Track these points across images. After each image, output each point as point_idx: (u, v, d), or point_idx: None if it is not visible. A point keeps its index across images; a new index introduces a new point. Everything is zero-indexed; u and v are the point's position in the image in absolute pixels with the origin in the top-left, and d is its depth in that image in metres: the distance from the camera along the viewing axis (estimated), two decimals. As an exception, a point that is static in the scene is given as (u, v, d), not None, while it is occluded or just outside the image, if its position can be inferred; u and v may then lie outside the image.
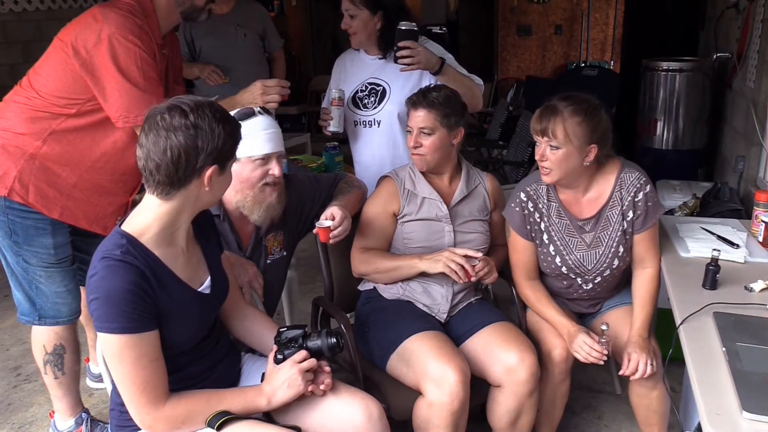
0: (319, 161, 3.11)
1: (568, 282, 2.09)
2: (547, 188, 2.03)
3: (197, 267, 1.55)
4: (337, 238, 1.93)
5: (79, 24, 2.02)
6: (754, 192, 2.31)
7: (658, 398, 1.97)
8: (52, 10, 4.47)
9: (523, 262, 2.08)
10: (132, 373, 1.38)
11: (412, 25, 2.19)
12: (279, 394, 1.53)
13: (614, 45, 6.57)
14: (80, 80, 1.98)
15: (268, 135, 1.82)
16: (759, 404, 1.30)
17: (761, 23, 3.18)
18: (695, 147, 4.16)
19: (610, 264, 2.02)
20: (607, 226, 2.00)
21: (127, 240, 1.39)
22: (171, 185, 1.37)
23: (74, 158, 2.05)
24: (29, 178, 2.00)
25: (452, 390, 1.78)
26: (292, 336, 1.60)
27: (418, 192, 2.10)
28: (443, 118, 2.02)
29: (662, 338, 1.98)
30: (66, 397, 2.28)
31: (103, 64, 1.95)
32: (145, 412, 1.41)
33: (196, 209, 1.47)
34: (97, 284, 1.35)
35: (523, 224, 2.04)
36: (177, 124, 1.33)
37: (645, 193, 1.96)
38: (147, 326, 1.38)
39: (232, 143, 1.42)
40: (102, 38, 1.94)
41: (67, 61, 1.98)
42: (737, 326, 1.61)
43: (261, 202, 1.85)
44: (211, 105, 1.39)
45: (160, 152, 1.33)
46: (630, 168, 1.99)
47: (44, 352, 2.19)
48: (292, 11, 8.30)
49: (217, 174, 1.40)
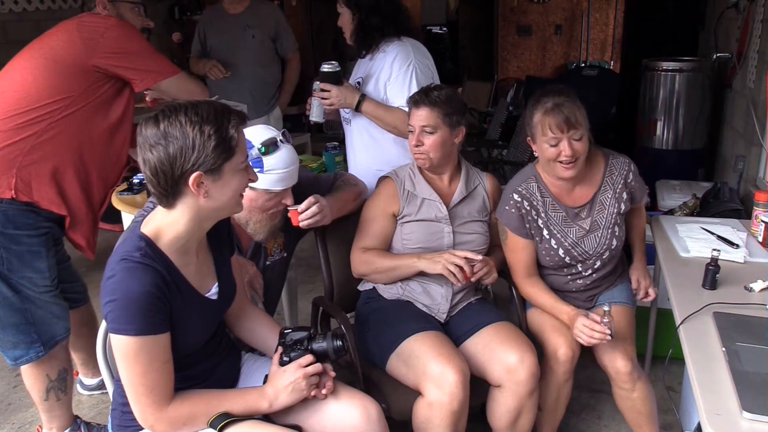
0: (319, 161, 3.11)
1: (568, 271, 2.10)
2: (537, 185, 2.05)
3: (206, 274, 1.55)
4: (308, 222, 1.91)
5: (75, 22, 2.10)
6: (754, 192, 2.32)
7: (641, 399, 1.98)
8: (52, 10, 4.47)
9: (523, 261, 2.09)
10: (142, 374, 1.37)
11: (334, 65, 2.30)
12: (281, 397, 1.53)
13: (614, 45, 6.57)
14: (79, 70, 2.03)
15: (288, 173, 1.82)
16: (759, 404, 1.30)
17: (761, 23, 3.18)
18: (695, 147, 4.16)
19: (609, 245, 2.06)
20: (602, 209, 2.06)
21: (146, 242, 1.38)
22: (166, 196, 1.36)
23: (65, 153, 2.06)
24: (29, 175, 1.99)
25: (452, 390, 1.78)
26: (297, 338, 1.59)
27: (418, 193, 2.10)
28: (445, 117, 2.02)
29: (662, 338, 1.98)
30: (65, 413, 2.27)
31: (119, 40, 2.08)
32: (149, 412, 1.41)
33: (204, 219, 1.43)
34: (116, 286, 1.33)
35: (521, 224, 2.04)
36: (150, 134, 1.31)
37: (633, 172, 2.10)
38: (161, 329, 1.37)
39: (216, 145, 1.32)
40: (109, 25, 2.08)
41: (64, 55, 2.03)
42: (737, 326, 1.61)
43: (267, 225, 1.89)
44: (191, 107, 1.33)
45: (144, 166, 1.34)
46: (615, 154, 2.12)
47: (48, 381, 2.17)
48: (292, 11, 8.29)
49: (210, 180, 1.35)
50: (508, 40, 6.87)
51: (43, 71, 2.03)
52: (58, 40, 2.07)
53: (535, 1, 6.67)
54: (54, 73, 2.02)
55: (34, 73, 2.03)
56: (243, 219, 1.87)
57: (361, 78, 2.39)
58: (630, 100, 4.61)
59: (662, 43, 5.41)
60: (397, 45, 2.32)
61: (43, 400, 2.20)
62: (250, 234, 1.91)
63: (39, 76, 2.02)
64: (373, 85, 2.35)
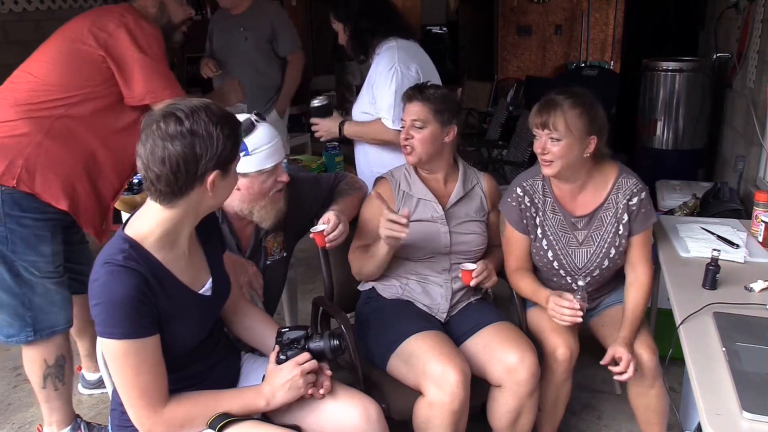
0: (319, 161, 3.11)
1: (558, 279, 2.10)
2: (543, 184, 2.04)
3: (199, 269, 1.54)
4: (334, 242, 1.94)
5: (93, 14, 2.09)
6: (754, 192, 2.32)
7: (657, 397, 1.97)
8: (52, 10, 4.47)
9: (516, 254, 2.10)
10: (132, 377, 1.37)
11: (323, 99, 2.52)
12: (279, 395, 1.53)
13: (614, 45, 6.57)
14: (94, 64, 2.02)
15: (273, 147, 1.83)
16: (759, 404, 1.30)
17: (761, 23, 3.18)
18: (695, 147, 4.16)
19: (600, 264, 2.03)
20: (600, 226, 2.02)
21: (130, 245, 1.38)
22: (173, 194, 1.35)
23: (77, 148, 2.06)
24: (35, 166, 1.99)
25: (452, 390, 1.78)
26: (294, 337, 1.59)
27: (414, 193, 2.10)
28: (436, 113, 2.03)
29: (662, 338, 1.98)
30: (63, 407, 2.27)
31: (126, 44, 2.03)
32: (145, 416, 1.41)
33: (200, 214, 1.46)
34: (100, 290, 1.34)
35: (519, 219, 2.05)
36: (173, 131, 1.30)
37: (640, 198, 1.98)
38: (148, 331, 1.37)
39: (233, 145, 1.37)
40: (122, 23, 2.04)
41: (80, 47, 2.01)
42: (737, 326, 1.61)
43: (273, 208, 1.88)
44: (207, 108, 1.34)
45: (159, 162, 1.30)
46: (628, 174, 2.02)
47: (45, 366, 2.17)
48: (292, 11, 8.29)
49: (219, 178, 1.38)
50: (508, 40, 6.87)
51: (58, 64, 2.03)
52: (73, 33, 2.06)
53: (535, 1, 6.68)
54: (68, 67, 2.02)
55: (50, 65, 2.04)
56: (246, 210, 1.86)
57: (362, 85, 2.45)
58: (630, 100, 4.61)
59: (662, 43, 5.41)
60: (387, 48, 2.38)
61: (41, 387, 2.20)
62: (257, 222, 1.90)
63: (53, 69, 2.03)
64: (366, 91, 2.40)
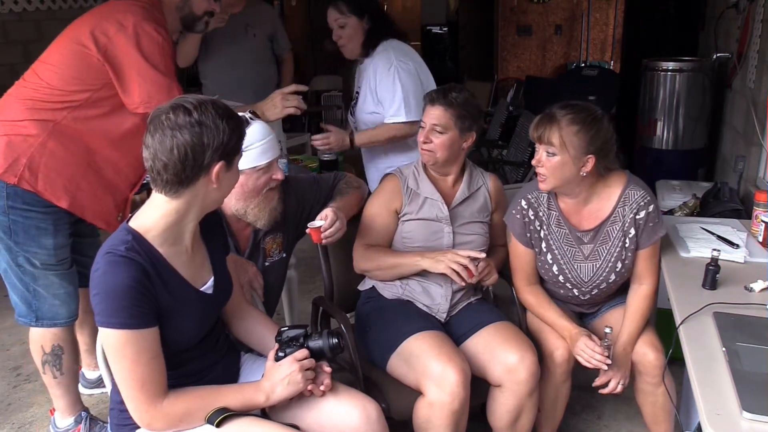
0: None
1: (565, 291, 2.09)
2: (548, 196, 2.01)
3: (201, 266, 1.55)
4: (330, 239, 1.93)
5: (97, 14, 2.06)
6: (754, 192, 2.31)
7: (664, 394, 1.96)
8: (52, 10, 4.47)
9: (524, 267, 2.08)
10: (131, 369, 1.38)
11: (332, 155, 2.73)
12: (278, 390, 1.53)
13: (614, 45, 6.56)
14: (94, 68, 2.00)
15: (267, 144, 1.83)
16: (759, 404, 1.30)
17: (761, 23, 3.17)
18: (695, 147, 4.15)
19: (606, 278, 2.02)
20: (606, 240, 1.99)
21: (133, 236, 1.40)
22: (179, 183, 1.37)
23: (82, 148, 2.05)
24: (38, 166, 1.99)
25: (453, 390, 1.78)
26: (293, 335, 1.60)
27: (421, 191, 2.10)
28: (458, 119, 2.01)
29: (662, 338, 1.98)
30: (65, 396, 2.28)
31: (125, 50, 1.99)
32: (144, 409, 1.41)
33: (204, 208, 1.48)
34: (99, 279, 1.36)
35: (523, 231, 2.04)
36: (182, 122, 1.34)
37: (647, 212, 1.93)
38: (147, 323, 1.38)
39: (237, 138, 1.42)
40: (125, 26, 1.99)
41: (82, 50, 1.99)
42: (737, 326, 1.61)
43: (266, 207, 1.87)
44: (213, 102, 1.40)
45: (167, 151, 1.34)
46: (635, 185, 1.96)
47: (42, 353, 2.19)
48: (292, 11, 8.30)
49: (224, 170, 1.41)
50: (508, 40, 6.86)
51: (61, 67, 2.02)
52: (76, 34, 2.04)
53: (535, 1, 6.67)
54: (70, 70, 2.02)
55: (54, 67, 2.03)
56: (241, 210, 1.86)
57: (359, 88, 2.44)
58: (630, 100, 4.61)
59: (662, 43, 5.41)
60: (381, 50, 2.39)
61: (42, 373, 2.23)
62: (252, 222, 1.89)
63: (56, 71, 2.02)
64: (368, 93, 2.40)
